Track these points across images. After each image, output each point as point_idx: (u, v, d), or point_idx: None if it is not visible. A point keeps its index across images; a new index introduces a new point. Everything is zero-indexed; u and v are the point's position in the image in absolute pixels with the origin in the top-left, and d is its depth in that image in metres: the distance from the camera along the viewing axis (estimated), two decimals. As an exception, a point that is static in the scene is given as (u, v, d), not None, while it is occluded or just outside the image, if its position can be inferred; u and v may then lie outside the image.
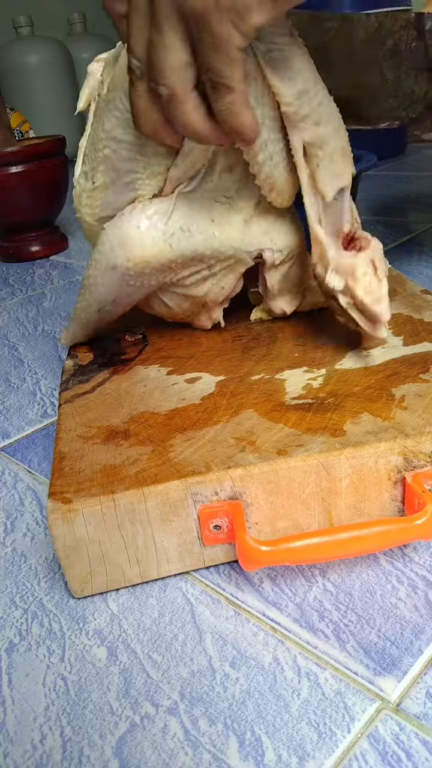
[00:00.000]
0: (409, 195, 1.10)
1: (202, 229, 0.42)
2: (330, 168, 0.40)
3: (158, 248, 0.42)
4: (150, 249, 0.42)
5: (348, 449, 0.33)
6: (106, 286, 0.44)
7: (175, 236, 0.42)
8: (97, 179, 0.42)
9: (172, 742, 0.27)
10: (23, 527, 0.41)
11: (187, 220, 0.42)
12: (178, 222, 0.42)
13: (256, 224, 0.44)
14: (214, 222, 0.42)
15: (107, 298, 0.45)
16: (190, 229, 0.42)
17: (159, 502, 0.33)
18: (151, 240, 0.41)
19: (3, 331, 0.74)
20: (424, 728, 0.27)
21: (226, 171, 0.42)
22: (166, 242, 0.42)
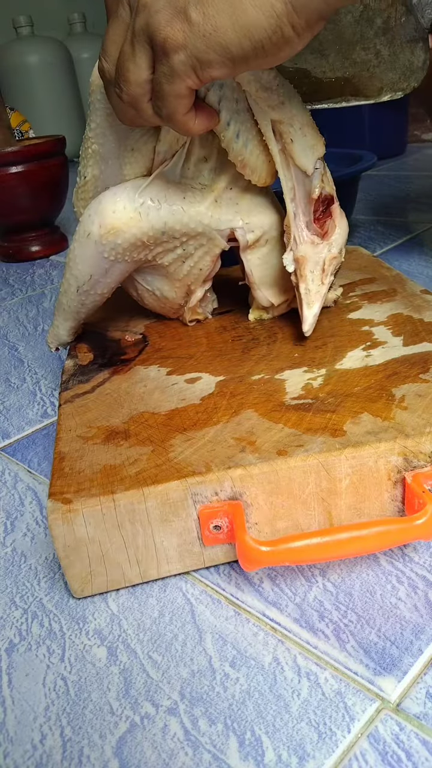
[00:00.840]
0: (409, 195, 1.10)
1: (171, 202, 0.44)
2: (303, 141, 0.42)
3: (128, 215, 0.44)
4: (120, 215, 0.44)
5: (348, 449, 0.33)
6: (83, 257, 0.45)
7: (145, 205, 0.44)
8: (87, 173, 0.45)
9: (172, 742, 0.27)
10: (23, 527, 0.41)
11: (159, 193, 0.44)
12: (149, 194, 0.44)
13: (227, 203, 0.45)
14: (185, 199, 0.44)
15: (84, 272, 0.46)
16: (159, 201, 0.44)
17: (159, 503, 0.33)
18: (122, 207, 0.44)
19: (3, 331, 0.74)
20: (424, 728, 0.27)
21: (201, 161, 0.43)
22: (136, 210, 0.44)
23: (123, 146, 0.43)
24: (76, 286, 0.47)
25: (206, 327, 0.51)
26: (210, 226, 0.45)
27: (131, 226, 0.44)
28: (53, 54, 1.74)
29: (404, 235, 0.88)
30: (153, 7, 0.32)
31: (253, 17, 0.31)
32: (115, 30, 0.35)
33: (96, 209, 0.44)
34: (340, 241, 0.44)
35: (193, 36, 0.31)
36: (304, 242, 0.44)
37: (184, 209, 0.44)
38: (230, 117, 0.41)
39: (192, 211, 0.44)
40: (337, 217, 0.44)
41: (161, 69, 0.33)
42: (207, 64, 0.32)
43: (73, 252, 0.46)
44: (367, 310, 0.50)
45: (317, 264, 0.44)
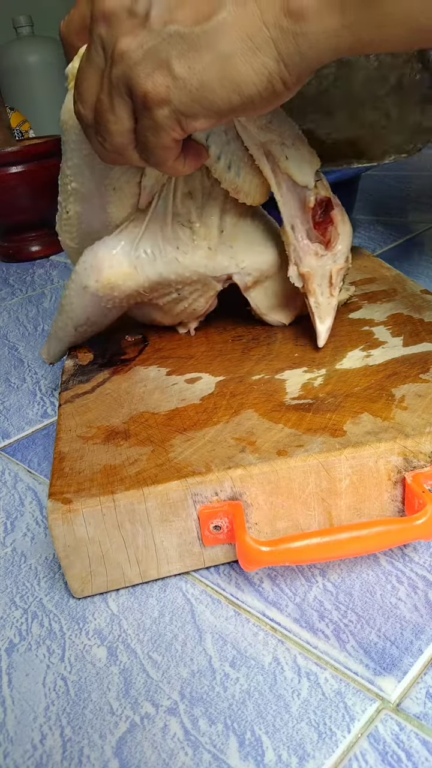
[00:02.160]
0: (409, 195, 1.10)
1: (166, 253, 0.44)
2: (298, 156, 0.41)
3: (124, 271, 0.44)
4: (116, 270, 0.44)
5: (348, 449, 0.33)
6: (81, 305, 0.45)
7: (140, 259, 0.44)
8: (69, 209, 0.45)
9: (172, 742, 0.27)
10: (23, 527, 0.41)
11: (153, 245, 0.44)
12: (144, 246, 0.44)
13: (222, 249, 0.44)
14: (179, 249, 0.44)
15: (82, 317, 0.46)
16: (155, 254, 0.44)
17: (159, 503, 0.33)
18: (118, 262, 0.44)
19: (3, 331, 0.74)
20: (424, 728, 0.27)
21: (186, 197, 0.43)
22: (131, 265, 0.44)
23: (104, 186, 0.42)
24: (74, 326, 0.47)
25: (206, 327, 0.51)
26: (206, 274, 0.45)
27: (127, 280, 0.44)
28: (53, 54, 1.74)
29: (404, 235, 0.88)
30: (131, 58, 0.30)
31: (243, 74, 0.29)
32: (89, 75, 0.33)
33: (91, 263, 0.44)
34: (345, 249, 0.43)
35: (177, 91, 0.30)
36: (307, 254, 0.43)
37: (178, 260, 0.44)
38: (220, 150, 0.40)
39: (187, 261, 0.44)
40: (339, 223, 0.43)
41: (144, 122, 0.32)
42: (192, 118, 0.31)
43: (69, 298, 0.46)
44: (367, 310, 0.50)
45: (324, 277, 0.43)
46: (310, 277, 0.43)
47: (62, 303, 0.46)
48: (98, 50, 0.31)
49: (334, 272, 0.43)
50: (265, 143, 0.40)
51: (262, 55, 0.29)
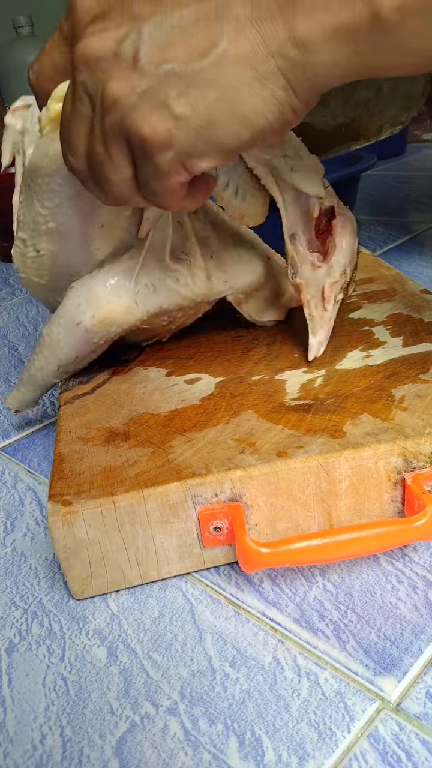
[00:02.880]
0: (409, 195, 1.10)
1: (166, 285, 0.43)
2: (303, 166, 0.40)
3: (125, 306, 0.42)
4: (117, 306, 0.41)
5: (348, 451, 0.33)
6: (69, 343, 0.43)
7: (141, 293, 0.42)
8: (41, 248, 0.41)
9: (172, 742, 0.28)
10: (23, 527, 0.41)
11: (153, 277, 0.42)
12: (144, 279, 0.42)
13: (217, 277, 0.44)
14: (179, 281, 0.43)
15: (69, 356, 0.43)
16: (155, 286, 0.42)
17: (159, 504, 0.33)
18: (117, 297, 0.41)
19: (3, 331, 0.74)
20: (424, 728, 0.27)
21: (178, 227, 0.42)
22: (132, 299, 0.42)
23: (90, 224, 0.40)
24: (57, 365, 0.44)
25: (206, 327, 0.51)
26: (202, 302, 0.45)
27: (127, 314, 0.42)
28: (53, 54, 1.74)
29: (404, 235, 0.88)
30: (125, 104, 0.28)
31: (252, 106, 0.27)
32: (75, 126, 0.30)
33: (86, 298, 0.41)
34: (342, 262, 0.41)
35: (180, 132, 0.28)
36: (304, 264, 0.42)
37: (179, 292, 0.43)
38: (228, 177, 0.38)
39: (187, 292, 0.43)
40: (338, 234, 0.41)
41: (146, 169, 0.29)
42: (198, 158, 0.29)
43: (55, 335, 0.42)
44: (367, 309, 0.50)
45: (317, 289, 0.42)
46: (302, 288, 0.42)
47: (45, 342, 0.43)
48: (83, 99, 0.29)
49: (327, 286, 0.42)
50: (268, 160, 0.39)
51: (270, 84, 0.27)
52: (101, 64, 0.28)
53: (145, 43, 0.27)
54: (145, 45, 0.27)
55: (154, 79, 0.27)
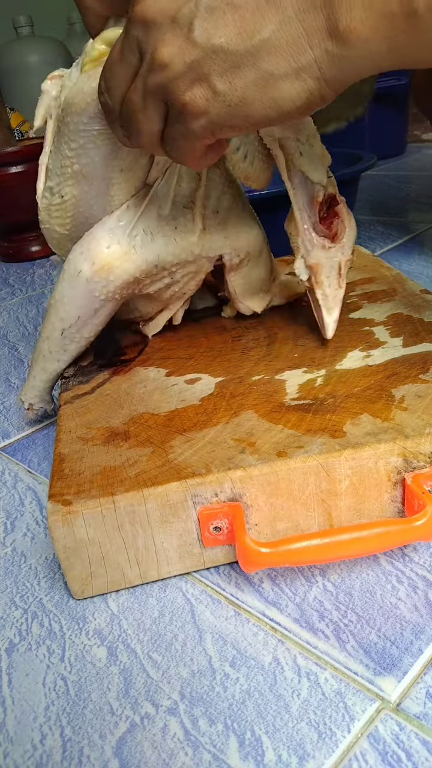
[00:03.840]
0: (409, 195, 1.10)
1: (164, 233, 0.43)
2: (312, 153, 0.42)
3: (122, 250, 0.43)
4: (114, 250, 0.43)
5: (348, 450, 0.33)
6: (72, 297, 0.43)
7: (138, 238, 0.43)
8: (65, 193, 0.43)
9: (172, 742, 0.28)
10: (23, 527, 0.41)
11: (151, 225, 0.43)
12: (142, 226, 0.43)
13: (216, 229, 0.45)
14: (177, 229, 0.44)
15: (72, 314, 0.44)
16: (152, 233, 0.43)
17: (159, 504, 0.33)
18: (116, 242, 0.43)
19: (3, 331, 0.74)
20: (424, 728, 0.27)
21: (192, 179, 0.43)
22: (129, 244, 0.43)
23: (110, 167, 0.42)
24: (62, 328, 0.45)
25: (206, 327, 0.51)
26: (200, 255, 0.45)
27: (125, 261, 0.43)
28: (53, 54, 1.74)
29: (404, 235, 0.88)
30: (173, 70, 0.30)
31: (285, 93, 0.30)
32: (119, 71, 0.33)
33: (87, 247, 0.43)
34: (351, 241, 0.44)
35: (216, 104, 0.30)
36: (315, 247, 0.43)
37: (176, 240, 0.44)
38: (240, 142, 0.40)
39: (183, 242, 0.44)
40: (345, 217, 0.43)
41: (177, 127, 0.32)
42: (227, 129, 0.32)
43: (60, 293, 0.44)
44: (367, 309, 0.50)
45: (332, 269, 0.44)
46: (318, 269, 0.43)
47: (50, 303, 0.45)
48: (134, 51, 0.31)
49: (343, 264, 0.43)
50: (281, 138, 0.41)
51: (305, 75, 0.29)
52: (158, 27, 0.30)
53: (201, 13, 0.29)
54: (200, 16, 0.29)
55: (202, 52, 0.29)
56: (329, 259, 0.43)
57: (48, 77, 0.42)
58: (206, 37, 0.29)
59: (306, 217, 0.43)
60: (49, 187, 0.44)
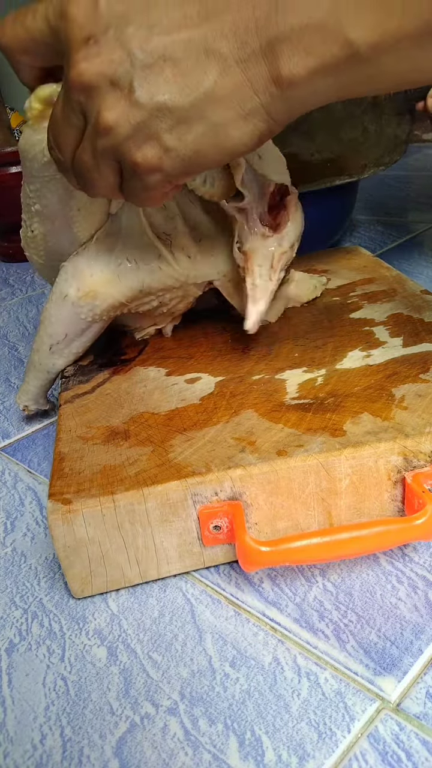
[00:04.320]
0: (409, 195, 1.10)
1: (147, 261, 0.43)
2: (271, 154, 0.41)
3: (106, 279, 0.43)
4: (99, 279, 0.43)
5: (348, 449, 0.33)
6: (59, 318, 0.44)
7: (122, 266, 0.43)
8: (34, 229, 0.45)
9: (172, 742, 0.27)
10: (23, 527, 0.41)
11: (134, 252, 0.43)
12: (125, 254, 0.43)
13: (201, 259, 0.45)
14: (160, 257, 0.43)
15: (59, 331, 0.45)
16: (136, 261, 0.43)
17: (159, 503, 0.33)
18: (99, 270, 0.43)
19: (3, 331, 0.74)
20: (424, 728, 0.27)
21: (159, 210, 0.43)
22: (114, 273, 0.43)
23: (68, 207, 0.42)
24: (50, 344, 0.45)
25: (206, 327, 0.51)
26: (188, 282, 0.45)
27: (110, 287, 0.43)
28: (53, 54, 1.74)
29: (404, 235, 0.88)
30: (120, 133, 0.30)
31: (236, 139, 0.30)
32: (65, 131, 0.32)
33: (73, 272, 0.43)
34: (292, 235, 0.43)
35: (169, 160, 0.30)
36: (254, 234, 0.43)
37: (161, 268, 0.44)
38: None
39: (168, 269, 0.44)
40: (292, 210, 0.43)
41: (134, 182, 0.32)
42: (184, 177, 0.32)
43: (48, 311, 0.45)
44: (367, 310, 0.50)
45: (266, 258, 0.43)
46: (250, 256, 0.43)
47: (41, 321, 0.45)
48: (77, 114, 0.31)
49: (277, 255, 0.43)
50: None
51: (254, 119, 0.29)
52: (98, 91, 0.29)
53: (138, 72, 0.29)
54: (138, 75, 0.29)
55: (147, 112, 0.29)
56: (264, 248, 0.43)
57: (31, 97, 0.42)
58: (148, 97, 0.29)
59: (254, 207, 0.42)
60: (23, 219, 0.45)
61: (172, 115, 0.29)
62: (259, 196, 0.42)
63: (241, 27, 0.27)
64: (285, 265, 0.44)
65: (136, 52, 0.28)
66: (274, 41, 0.27)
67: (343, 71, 0.27)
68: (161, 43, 0.28)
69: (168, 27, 0.28)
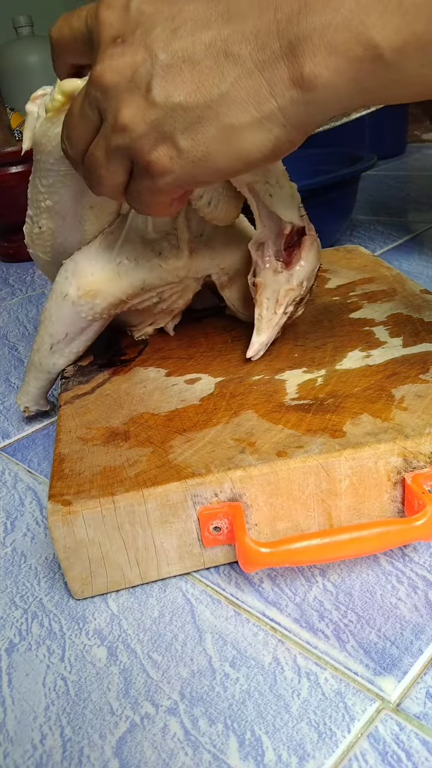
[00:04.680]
0: (409, 195, 1.10)
1: (148, 258, 0.43)
2: (282, 194, 0.41)
3: (107, 277, 0.43)
4: (99, 277, 0.43)
5: (348, 450, 0.33)
6: (59, 317, 0.44)
7: (122, 265, 0.43)
8: (42, 225, 0.44)
9: (172, 742, 0.28)
10: (23, 527, 0.41)
11: (134, 251, 0.43)
12: (125, 253, 0.43)
13: (202, 254, 0.45)
14: (161, 255, 0.44)
15: (59, 330, 0.45)
16: (136, 260, 0.43)
17: (159, 504, 0.33)
18: (100, 269, 0.43)
19: (3, 331, 0.74)
20: (424, 728, 0.27)
21: None
22: (114, 270, 0.43)
23: (80, 204, 0.42)
24: (51, 343, 0.46)
25: (206, 327, 0.51)
26: (188, 277, 0.45)
27: (110, 286, 0.43)
28: (53, 54, 1.74)
29: (404, 235, 0.88)
30: (134, 131, 0.30)
31: (250, 143, 0.29)
32: (80, 126, 0.32)
33: (73, 271, 0.43)
34: (302, 274, 0.43)
35: (181, 162, 0.30)
36: (266, 268, 0.43)
37: (161, 265, 0.44)
38: (203, 189, 0.40)
39: (169, 266, 0.44)
40: (304, 249, 0.43)
41: (144, 183, 0.32)
42: (194, 183, 0.31)
43: (48, 311, 0.45)
44: (367, 309, 0.50)
45: (274, 292, 0.43)
46: (260, 288, 0.43)
47: (41, 321, 0.46)
48: (94, 110, 0.31)
49: (283, 291, 0.43)
50: (250, 183, 0.40)
51: (269, 123, 0.29)
52: (117, 89, 0.30)
53: (157, 72, 0.29)
54: (157, 75, 0.29)
55: (162, 111, 0.29)
56: (275, 282, 0.43)
57: (31, 97, 0.42)
58: (165, 96, 0.29)
59: (270, 243, 0.43)
60: (29, 215, 0.44)
61: (187, 116, 0.29)
62: (275, 233, 0.42)
63: (262, 30, 0.27)
64: (292, 301, 0.43)
65: (158, 53, 0.29)
66: (296, 41, 0.27)
67: (365, 74, 0.27)
68: (183, 44, 0.28)
69: (191, 29, 0.29)
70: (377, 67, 0.27)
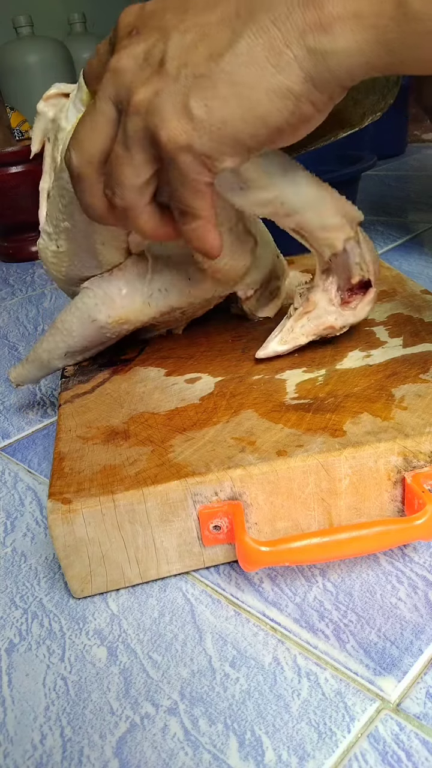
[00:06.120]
0: (409, 195, 1.10)
1: (179, 288, 0.44)
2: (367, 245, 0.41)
3: (138, 307, 0.44)
4: (130, 308, 0.44)
5: (348, 449, 0.33)
6: (82, 335, 0.45)
7: (154, 296, 0.44)
8: (61, 245, 0.43)
9: (172, 742, 0.27)
10: (23, 527, 0.41)
11: (165, 281, 0.44)
12: (157, 284, 0.43)
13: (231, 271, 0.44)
14: (190, 281, 0.44)
15: (79, 345, 0.45)
16: (168, 290, 0.44)
17: (159, 503, 0.33)
18: (130, 301, 0.44)
19: (3, 331, 0.74)
20: (424, 728, 0.27)
21: None
22: (145, 302, 0.44)
23: (92, 239, 0.41)
24: (66, 351, 0.45)
25: (206, 327, 0.51)
26: (213, 297, 0.46)
27: (140, 315, 0.44)
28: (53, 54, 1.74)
29: (404, 235, 0.88)
30: (147, 107, 0.28)
31: (266, 104, 0.27)
32: (93, 124, 0.30)
33: (102, 299, 0.43)
34: (350, 320, 0.42)
35: (197, 133, 0.28)
36: (324, 291, 0.42)
37: (190, 291, 0.44)
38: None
39: (197, 291, 0.44)
40: (366, 301, 0.42)
41: (172, 174, 0.29)
42: (218, 158, 0.29)
43: (69, 325, 0.44)
44: (367, 310, 0.50)
45: (317, 318, 0.42)
46: (308, 308, 0.42)
47: (58, 327, 0.45)
48: (106, 101, 0.30)
49: (324, 325, 0.42)
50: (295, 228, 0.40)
51: (286, 79, 0.26)
52: (127, 74, 0.29)
53: (170, 49, 0.28)
54: (170, 50, 0.28)
55: (173, 80, 0.28)
56: (324, 311, 0.42)
57: (43, 97, 0.41)
58: (177, 66, 0.28)
59: (337, 278, 0.41)
60: (47, 231, 0.43)
61: (198, 81, 0.27)
62: (346, 278, 0.41)
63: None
64: (320, 337, 0.43)
65: (171, 32, 0.28)
66: None
67: (388, 23, 0.25)
68: (195, 20, 0.28)
69: (204, 7, 0.28)
70: (400, 16, 0.25)
